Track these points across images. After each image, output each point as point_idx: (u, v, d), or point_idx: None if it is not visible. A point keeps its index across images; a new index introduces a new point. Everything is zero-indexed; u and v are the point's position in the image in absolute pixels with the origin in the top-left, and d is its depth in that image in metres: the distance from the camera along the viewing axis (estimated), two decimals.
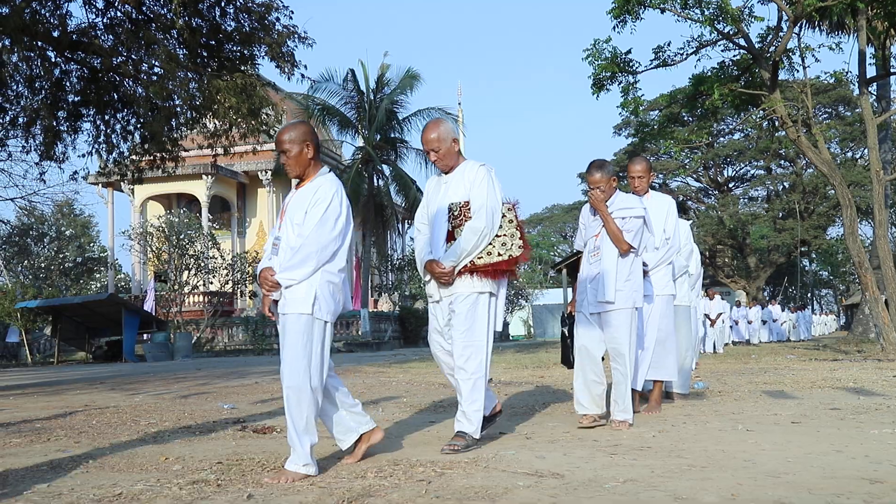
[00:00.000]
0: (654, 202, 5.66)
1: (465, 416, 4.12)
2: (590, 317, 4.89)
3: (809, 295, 56.22)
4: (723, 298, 22.10)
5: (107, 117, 12.94)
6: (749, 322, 25.88)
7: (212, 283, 29.55)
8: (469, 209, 4.12)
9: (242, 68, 11.98)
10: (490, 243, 4.10)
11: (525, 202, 5.37)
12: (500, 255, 4.09)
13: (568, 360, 5.25)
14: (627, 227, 4.81)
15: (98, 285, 43.06)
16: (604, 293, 4.76)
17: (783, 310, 30.27)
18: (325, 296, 3.55)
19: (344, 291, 3.67)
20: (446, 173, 4.28)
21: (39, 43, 11.34)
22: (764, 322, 26.48)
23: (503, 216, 4.15)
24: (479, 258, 4.08)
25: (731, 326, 23.00)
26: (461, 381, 4.16)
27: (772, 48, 15.47)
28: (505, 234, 4.13)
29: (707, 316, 18.41)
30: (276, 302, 3.63)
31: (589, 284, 4.89)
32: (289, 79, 12.00)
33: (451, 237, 4.16)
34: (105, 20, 12.08)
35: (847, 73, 17.19)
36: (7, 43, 10.65)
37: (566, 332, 5.30)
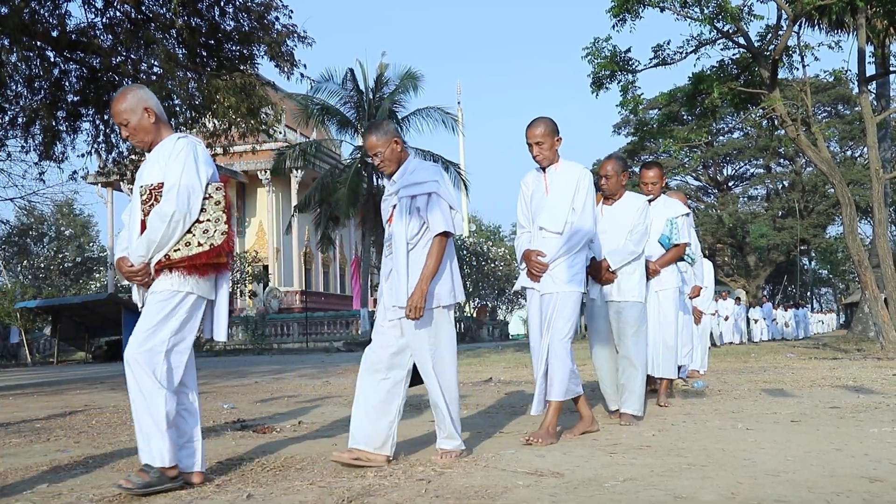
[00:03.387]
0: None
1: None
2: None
3: (809, 293, 56.25)
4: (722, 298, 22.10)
5: (106, 117, 12.93)
6: (755, 321, 25.95)
7: None
8: (161, 192, 3.36)
9: (242, 68, 11.99)
10: (189, 231, 3.33)
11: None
12: (200, 245, 3.33)
13: None
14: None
15: (98, 285, 43.08)
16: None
17: (775, 308, 30.28)
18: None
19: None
20: (148, 151, 3.54)
21: (38, 43, 11.34)
22: (756, 321, 26.49)
23: (209, 197, 3.38)
24: (175, 250, 3.31)
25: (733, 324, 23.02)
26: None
27: (771, 47, 15.47)
28: (209, 220, 3.37)
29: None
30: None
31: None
32: (288, 78, 12.02)
33: (144, 227, 3.38)
34: (104, 20, 12.09)
35: (846, 71, 17.20)
36: (6, 43, 10.65)
37: None
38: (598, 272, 4.88)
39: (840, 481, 3.05)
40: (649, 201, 5.65)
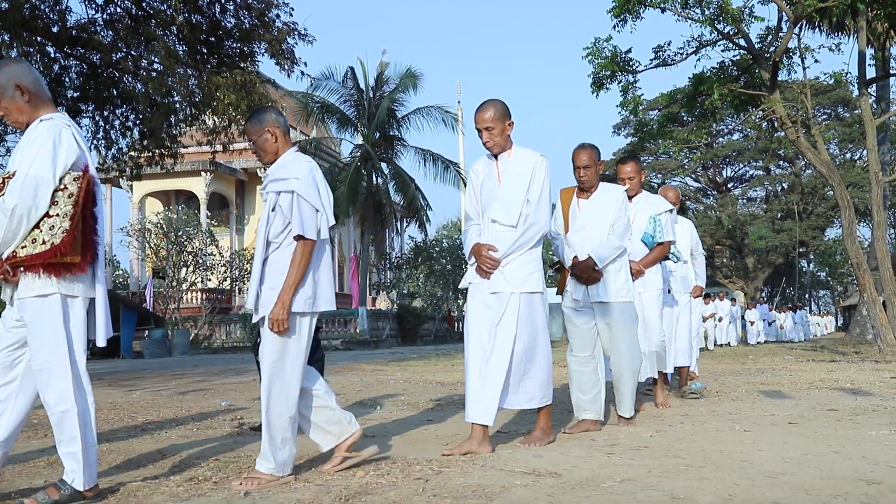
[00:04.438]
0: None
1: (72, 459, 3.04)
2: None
3: (807, 296, 56.28)
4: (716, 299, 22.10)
5: (106, 113, 12.94)
6: (751, 322, 25.93)
7: (210, 279, 29.57)
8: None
9: (242, 65, 11.99)
10: (37, 226, 3.02)
11: None
12: (44, 242, 3.00)
13: None
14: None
15: None
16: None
17: (771, 310, 30.30)
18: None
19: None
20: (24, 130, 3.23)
21: (39, 38, 11.33)
22: (752, 322, 26.46)
23: (63, 188, 3.04)
24: (22, 247, 3.02)
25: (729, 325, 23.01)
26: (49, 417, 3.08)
27: (772, 48, 15.48)
28: (58, 214, 3.03)
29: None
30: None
31: None
32: (288, 76, 12.04)
33: None
34: (105, 16, 12.08)
35: (847, 74, 17.20)
36: (6, 38, 10.63)
37: None
38: (582, 271, 4.62)
39: (837, 483, 3.05)
40: (630, 197, 5.43)
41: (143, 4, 11.79)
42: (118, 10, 12.06)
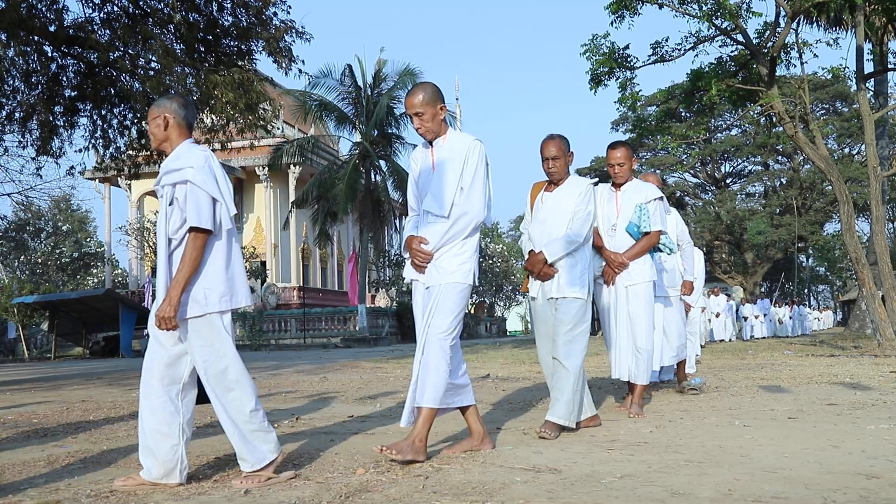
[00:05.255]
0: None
1: None
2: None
3: (806, 291, 56.32)
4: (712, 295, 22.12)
5: (104, 112, 12.93)
6: (745, 318, 25.98)
7: None
8: None
9: (240, 63, 11.99)
10: None
11: (522, 198, 5.03)
12: None
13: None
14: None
15: (95, 281, 43.07)
16: None
17: (771, 305, 30.36)
18: None
19: None
20: None
21: (36, 38, 11.32)
22: (757, 317, 26.55)
23: None
24: None
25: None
26: None
27: (769, 44, 15.47)
28: None
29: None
30: None
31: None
32: (286, 74, 12.05)
33: None
34: (102, 15, 12.07)
35: (845, 68, 17.21)
36: (3, 37, 10.63)
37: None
38: (533, 266, 4.43)
39: (837, 478, 3.05)
40: (618, 185, 5.30)
41: (141, 3, 11.77)
42: (115, 8, 12.05)
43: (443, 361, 3.60)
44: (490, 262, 51.38)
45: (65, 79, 12.49)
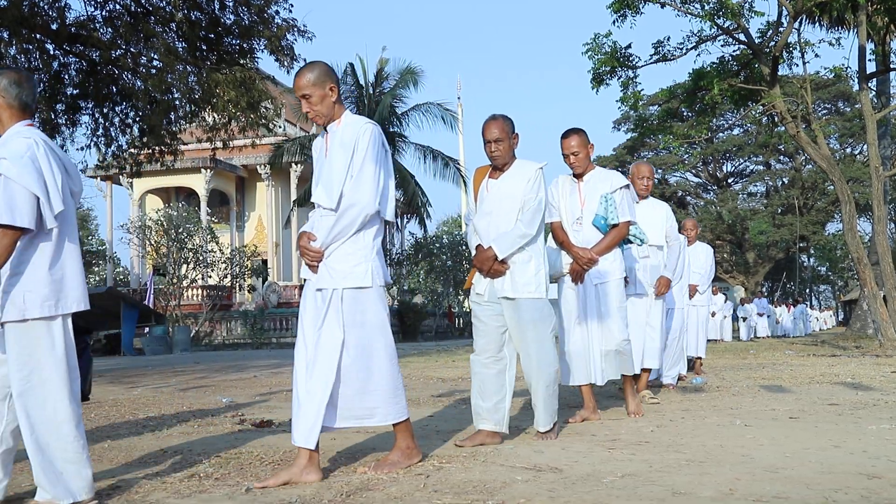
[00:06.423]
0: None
1: None
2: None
3: (808, 290, 56.29)
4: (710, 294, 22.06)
5: (105, 110, 12.93)
6: (744, 319, 25.95)
7: (210, 276, 29.61)
8: None
9: (241, 62, 11.99)
10: None
11: None
12: None
13: None
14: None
15: (97, 279, 43.04)
16: None
17: (769, 304, 30.34)
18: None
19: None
20: None
21: (38, 35, 11.32)
22: (744, 318, 26.50)
23: None
24: None
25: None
26: None
27: (772, 43, 15.45)
28: None
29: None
30: None
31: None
32: (288, 72, 12.03)
33: None
34: (104, 13, 12.07)
35: (847, 68, 17.16)
36: (6, 35, 10.63)
37: None
38: (482, 263, 4.01)
39: (838, 478, 3.05)
40: (578, 176, 4.86)
41: (143, 1, 11.78)
42: (117, 6, 12.05)
43: (398, 376, 3.41)
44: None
45: (67, 77, 12.50)
